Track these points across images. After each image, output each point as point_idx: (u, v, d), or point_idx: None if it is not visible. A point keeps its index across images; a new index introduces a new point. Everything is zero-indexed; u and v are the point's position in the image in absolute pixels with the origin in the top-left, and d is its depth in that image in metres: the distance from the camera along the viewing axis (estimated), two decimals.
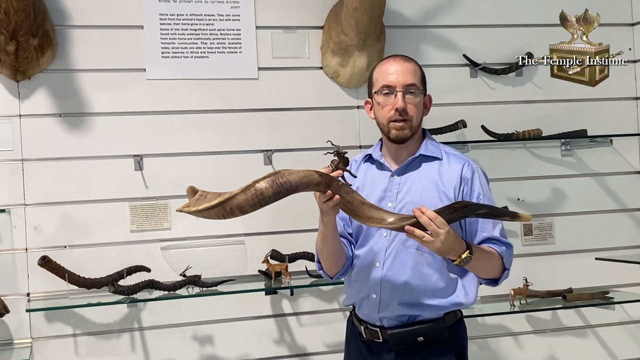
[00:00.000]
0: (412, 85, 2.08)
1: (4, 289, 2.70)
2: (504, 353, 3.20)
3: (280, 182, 1.81)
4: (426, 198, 2.04)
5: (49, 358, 2.76)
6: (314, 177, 1.85)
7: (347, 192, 1.92)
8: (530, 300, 3.03)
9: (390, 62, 2.13)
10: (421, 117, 2.13)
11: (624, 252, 3.25)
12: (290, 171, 1.85)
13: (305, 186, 1.85)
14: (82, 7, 2.84)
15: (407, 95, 2.07)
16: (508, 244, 2.08)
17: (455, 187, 2.06)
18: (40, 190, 2.78)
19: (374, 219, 1.93)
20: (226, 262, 2.92)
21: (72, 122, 2.82)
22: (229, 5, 2.97)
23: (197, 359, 2.91)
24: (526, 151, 3.24)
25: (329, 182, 1.89)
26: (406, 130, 2.07)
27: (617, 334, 3.30)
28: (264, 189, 1.79)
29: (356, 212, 1.94)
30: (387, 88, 2.08)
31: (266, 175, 1.82)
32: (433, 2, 3.15)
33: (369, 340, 2.14)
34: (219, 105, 2.96)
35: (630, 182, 3.33)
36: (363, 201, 1.94)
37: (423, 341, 2.07)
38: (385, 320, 2.10)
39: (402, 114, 2.05)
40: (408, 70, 2.09)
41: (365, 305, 2.14)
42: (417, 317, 2.08)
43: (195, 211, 1.80)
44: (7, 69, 2.71)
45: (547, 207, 3.24)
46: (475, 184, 2.07)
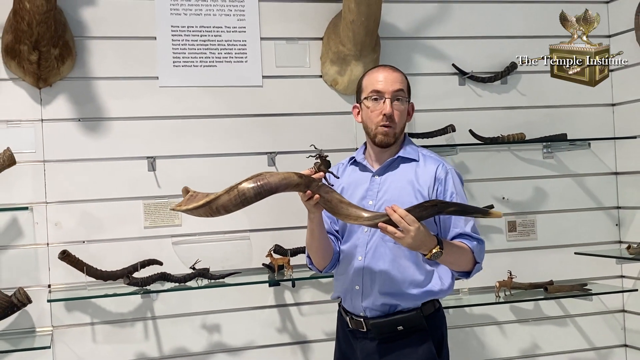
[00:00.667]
0: (400, 91, 2.10)
1: (27, 280, 2.71)
2: (490, 341, 3.21)
3: (260, 183, 1.84)
4: (403, 196, 2.07)
5: (68, 345, 2.76)
6: (293, 178, 1.88)
7: (327, 191, 1.95)
8: (514, 291, 3.05)
9: (380, 70, 2.15)
10: (404, 124, 2.15)
11: (600, 247, 3.27)
12: (271, 173, 1.88)
13: (285, 187, 1.88)
14: (99, 19, 2.84)
15: (395, 102, 2.08)
16: (479, 240, 2.09)
17: (430, 186, 2.08)
18: (60, 189, 2.78)
19: (351, 216, 1.95)
20: (232, 256, 2.93)
21: (90, 126, 2.82)
22: (236, 18, 2.97)
23: (205, 346, 2.91)
24: (510, 154, 3.25)
25: (309, 183, 1.91)
26: (390, 137, 2.10)
27: (595, 323, 3.31)
28: (245, 190, 1.83)
29: (335, 210, 1.96)
30: (377, 94, 2.09)
31: (249, 177, 1.85)
32: (424, 15, 3.15)
33: (354, 329, 2.16)
34: (226, 110, 2.96)
35: (606, 182, 3.33)
36: (341, 200, 1.97)
37: (403, 330, 2.08)
38: (368, 310, 2.11)
39: (389, 119, 2.07)
40: (396, 78, 2.12)
41: (349, 296, 2.15)
42: (397, 307, 2.09)
43: (186, 210, 1.84)
44: (30, 77, 2.72)
45: (529, 205, 3.25)
46: (449, 183, 2.09)
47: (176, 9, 2.92)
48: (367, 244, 2.12)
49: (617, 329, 3.34)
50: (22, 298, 2.52)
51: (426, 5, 3.17)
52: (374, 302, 2.10)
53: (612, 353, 3.34)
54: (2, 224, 2.73)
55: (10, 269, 2.73)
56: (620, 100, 3.34)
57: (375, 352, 2.12)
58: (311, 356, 3.02)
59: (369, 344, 2.13)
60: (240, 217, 2.91)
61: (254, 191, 1.84)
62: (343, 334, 2.25)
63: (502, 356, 3.23)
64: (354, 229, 2.14)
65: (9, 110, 2.76)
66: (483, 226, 3.19)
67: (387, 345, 2.10)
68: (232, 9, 2.97)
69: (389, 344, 2.10)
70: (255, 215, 2.93)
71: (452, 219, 2.08)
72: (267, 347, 2.99)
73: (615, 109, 3.36)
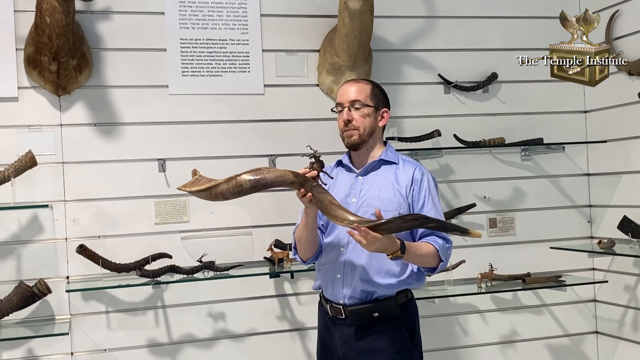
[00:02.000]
0: (356, 101, 2.15)
1: (47, 272, 2.71)
2: (472, 328, 3.22)
3: (257, 177, 1.85)
4: (383, 194, 2.12)
5: (85, 332, 2.77)
6: (288, 176, 1.90)
7: (320, 192, 1.97)
8: (495, 283, 3.06)
9: (345, 85, 2.23)
10: (371, 126, 2.16)
11: (574, 242, 3.27)
12: (269, 169, 1.90)
13: (279, 183, 1.89)
14: (114, 32, 2.84)
15: (352, 110, 2.14)
16: (447, 239, 2.11)
17: (407, 186, 2.13)
18: (78, 188, 2.79)
19: (338, 218, 1.96)
20: (236, 250, 2.93)
21: (106, 130, 2.83)
22: (239, 31, 2.97)
23: (211, 332, 2.92)
24: (491, 156, 3.26)
25: (303, 182, 1.93)
26: (354, 137, 2.15)
27: (569, 312, 3.32)
28: (242, 182, 1.84)
29: (325, 209, 1.98)
30: (339, 106, 2.19)
31: (249, 170, 1.87)
32: (413, 30, 3.17)
33: (333, 317, 2.18)
34: (230, 116, 2.97)
35: (579, 183, 3.35)
36: (332, 201, 1.98)
37: (378, 316, 2.10)
38: (347, 297, 2.13)
39: (347, 124, 2.14)
40: (352, 90, 2.17)
41: (331, 284, 2.17)
42: (374, 295, 2.11)
43: (189, 191, 1.87)
44: (50, 85, 2.73)
45: (508, 203, 3.26)
46: (424, 184, 2.14)
47: (185, 23, 2.93)
48: (348, 237, 2.11)
49: (589, 317, 3.36)
50: (43, 288, 2.54)
51: (414, 20, 3.18)
52: (354, 290, 2.13)
53: (584, 339, 3.36)
54: (24, 220, 2.74)
55: (31, 261, 2.73)
56: (592, 107, 3.35)
57: (352, 338, 2.14)
58: (308, 342, 3.02)
59: (347, 329, 2.15)
60: (243, 214, 2.96)
61: (250, 184, 1.85)
62: (323, 321, 2.26)
63: (483, 342, 3.24)
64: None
65: (30, 116, 2.77)
66: (467, 223, 3.20)
67: (364, 331, 2.13)
68: (236, 23, 2.98)
69: (366, 330, 2.13)
70: (257, 213, 2.95)
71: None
72: (267, 333, 2.99)
73: (587, 115, 3.38)
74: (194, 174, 1.95)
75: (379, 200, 2.10)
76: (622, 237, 2.96)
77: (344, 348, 2.16)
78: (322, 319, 2.27)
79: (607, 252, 2.97)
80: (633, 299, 3.12)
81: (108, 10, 2.85)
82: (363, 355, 2.12)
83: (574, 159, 3.34)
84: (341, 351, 2.17)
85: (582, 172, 3.36)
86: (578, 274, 3.28)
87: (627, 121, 3.09)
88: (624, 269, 3.15)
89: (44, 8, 2.48)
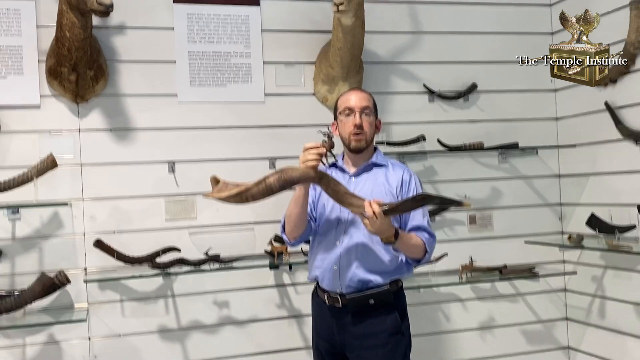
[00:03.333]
0: (367, 108, 2.18)
1: (67, 264, 2.72)
2: (454, 315, 3.23)
3: (284, 177, 1.89)
4: (375, 193, 2.13)
5: (101, 319, 2.78)
6: (310, 173, 1.95)
7: (335, 184, 2.00)
8: (474, 274, 3.07)
9: (351, 92, 2.24)
10: (373, 133, 2.21)
11: (546, 237, 3.28)
12: (292, 169, 1.93)
13: (304, 179, 1.95)
14: (128, 46, 2.85)
15: (363, 115, 2.16)
16: (432, 234, 2.15)
17: (397, 186, 2.17)
18: (94, 188, 2.79)
19: (353, 205, 1.98)
20: (239, 244, 2.93)
21: (120, 135, 2.84)
22: (242, 45, 2.98)
23: (216, 319, 2.93)
24: (471, 159, 3.26)
25: (322, 177, 1.97)
26: (362, 142, 2.17)
27: (541, 300, 3.33)
28: (272, 183, 1.87)
29: (341, 199, 2.00)
30: (349, 110, 2.17)
31: (274, 172, 1.90)
32: (400, 44, 3.18)
33: (331, 305, 2.18)
34: (234, 122, 2.97)
35: (551, 183, 3.35)
36: (346, 191, 2.01)
37: (373, 303, 2.12)
38: (344, 287, 2.14)
39: (359, 128, 2.15)
40: (363, 97, 2.20)
41: (328, 276, 2.18)
42: (369, 284, 2.13)
43: (219, 198, 1.86)
44: (70, 94, 2.75)
45: (487, 202, 3.27)
46: (412, 184, 2.19)
47: (192, 38, 2.94)
48: (343, 232, 2.16)
49: (560, 305, 3.37)
50: (63, 279, 2.52)
51: (401, 35, 3.20)
52: (350, 280, 2.14)
53: (555, 325, 3.37)
54: (46, 217, 2.75)
55: (52, 254, 2.74)
56: (562, 115, 3.36)
57: (349, 323, 2.16)
58: (304, 327, 3.02)
59: (344, 316, 2.16)
60: (246, 210, 2.93)
61: (279, 184, 1.88)
62: (319, 310, 2.26)
63: (464, 328, 3.26)
64: (332, 218, 2.19)
65: (51, 122, 2.78)
66: (449, 219, 3.23)
67: (360, 317, 2.15)
68: (239, 38, 2.99)
69: (361, 316, 2.15)
70: (258, 210, 2.93)
71: (411, 214, 2.16)
72: (268, 320, 3.00)
73: (558, 122, 3.39)
74: (216, 182, 1.92)
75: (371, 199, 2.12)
76: (590, 232, 2.98)
77: (341, 333, 2.18)
78: (317, 308, 2.28)
79: (576, 246, 3.00)
80: (600, 288, 3.15)
81: (122, 25, 2.86)
82: (359, 339, 2.15)
83: (546, 161, 3.35)
84: (338, 336, 2.18)
85: (554, 173, 3.38)
86: (550, 266, 3.30)
87: (594, 127, 3.11)
88: (591, 262, 3.18)
89: (64, 23, 2.51)
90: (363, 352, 2.14)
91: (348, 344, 2.17)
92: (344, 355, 2.20)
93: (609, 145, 3.03)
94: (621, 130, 2.93)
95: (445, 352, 3.22)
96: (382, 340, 2.14)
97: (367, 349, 2.14)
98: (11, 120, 2.71)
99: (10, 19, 2.70)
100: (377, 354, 2.13)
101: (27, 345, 2.70)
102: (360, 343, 2.15)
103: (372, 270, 2.14)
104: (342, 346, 2.19)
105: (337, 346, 2.20)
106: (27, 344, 2.70)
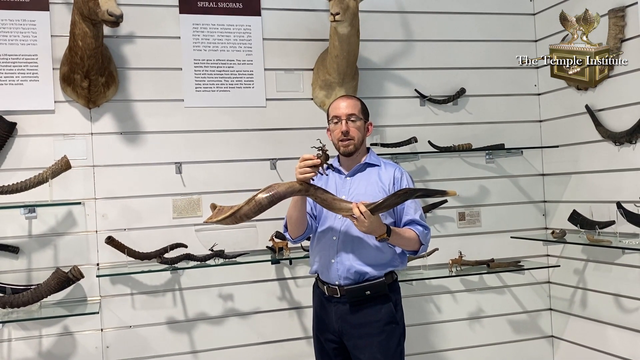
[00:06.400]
0: (352, 115, 2.19)
1: (80, 260, 2.73)
2: (445, 306, 3.24)
3: (272, 193, 1.89)
4: (369, 192, 2.16)
5: (113, 311, 2.79)
6: (296, 186, 1.95)
7: (322, 192, 2.01)
8: (464, 267, 3.08)
9: (338, 100, 2.25)
10: (363, 136, 2.22)
11: (531, 232, 3.29)
12: (279, 184, 1.93)
13: (291, 193, 1.94)
14: (137, 54, 2.86)
15: (349, 122, 2.17)
16: (425, 226, 2.17)
17: (390, 184, 2.19)
18: (106, 188, 2.80)
19: (342, 209, 2.01)
20: (242, 240, 2.93)
21: (130, 138, 2.84)
22: (245, 53, 2.98)
23: (221, 311, 2.93)
24: (460, 159, 3.27)
25: (308, 188, 1.98)
26: (350, 147, 2.19)
27: (526, 292, 3.34)
28: (261, 200, 1.87)
29: (331, 205, 2.02)
30: (336, 118, 2.21)
31: (262, 189, 1.90)
32: (393, 51, 3.19)
33: (330, 296, 2.20)
34: (237, 126, 2.97)
35: (535, 182, 3.36)
36: (334, 198, 2.03)
37: (369, 294, 2.14)
38: (342, 279, 2.16)
39: (345, 135, 2.16)
40: (349, 105, 2.21)
41: (326, 269, 2.20)
42: (365, 276, 2.15)
43: (216, 221, 1.88)
44: (82, 100, 2.75)
45: (475, 199, 3.28)
46: (404, 181, 2.21)
47: (197, 46, 2.95)
48: (340, 227, 2.18)
49: (544, 297, 3.38)
50: (77, 274, 2.53)
51: (394, 43, 3.20)
52: (348, 272, 2.16)
53: (540, 315, 3.38)
54: (60, 215, 2.76)
55: (66, 250, 2.75)
56: (545, 117, 3.37)
57: (347, 313, 2.17)
58: (304, 318, 3.03)
59: (342, 306, 2.18)
60: None
61: (268, 200, 1.88)
62: (319, 301, 2.28)
63: (454, 318, 3.26)
64: (330, 215, 2.19)
65: (65, 126, 2.78)
66: (439, 216, 3.24)
67: (357, 307, 2.17)
68: (241, 46, 3.00)
69: (358, 306, 2.17)
70: None
71: (404, 209, 2.18)
72: (270, 311, 3.01)
73: (542, 124, 3.39)
74: (214, 207, 1.93)
75: (366, 197, 2.13)
76: (572, 228, 3.00)
77: (340, 322, 2.19)
78: (317, 299, 2.29)
79: (559, 240, 3.01)
80: (581, 280, 3.16)
81: (132, 35, 2.87)
82: (356, 327, 2.16)
83: (531, 161, 3.36)
84: (337, 325, 2.20)
85: (538, 172, 3.38)
86: (534, 260, 3.31)
87: (575, 129, 3.12)
88: (573, 255, 3.19)
89: (77, 33, 2.52)
90: (360, 340, 2.16)
91: (346, 333, 2.19)
92: (343, 343, 2.22)
93: (589, 146, 3.05)
94: (601, 132, 2.95)
95: (437, 341, 3.22)
96: (378, 328, 2.15)
97: (363, 337, 2.15)
98: (27, 125, 2.72)
99: (27, 29, 2.72)
100: (373, 342, 2.14)
101: (43, 337, 2.71)
102: (357, 332, 2.17)
103: (368, 263, 2.16)
104: (340, 335, 2.21)
105: (336, 335, 2.22)
106: (43, 335, 2.71)
